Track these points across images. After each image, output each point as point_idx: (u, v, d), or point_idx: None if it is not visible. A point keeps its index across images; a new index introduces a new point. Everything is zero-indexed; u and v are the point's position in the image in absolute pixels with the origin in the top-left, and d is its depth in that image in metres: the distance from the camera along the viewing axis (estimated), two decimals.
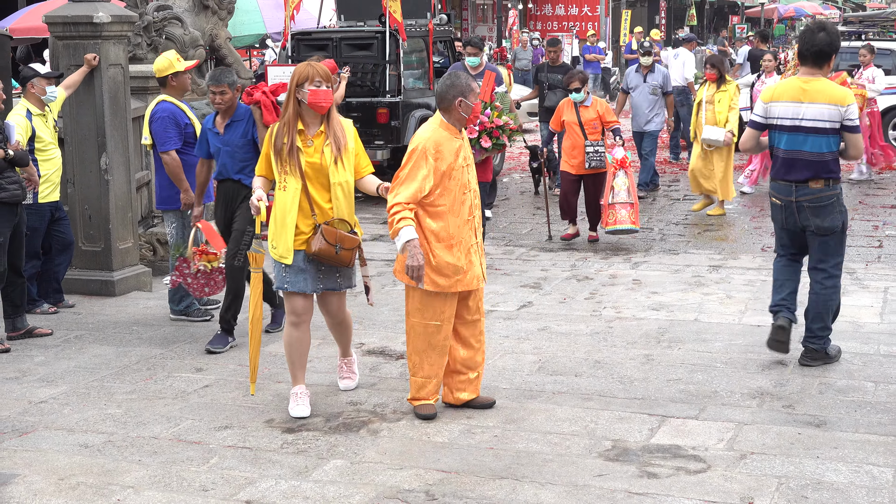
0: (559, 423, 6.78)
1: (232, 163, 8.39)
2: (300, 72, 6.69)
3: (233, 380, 7.72)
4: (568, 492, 5.75)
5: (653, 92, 15.52)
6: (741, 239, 12.56)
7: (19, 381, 7.75)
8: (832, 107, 7.43)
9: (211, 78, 8.49)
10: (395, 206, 6.53)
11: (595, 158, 11.96)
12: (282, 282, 6.88)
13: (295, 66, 7.00)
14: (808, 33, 7.75)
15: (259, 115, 8.21)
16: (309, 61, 6.95)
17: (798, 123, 7.52)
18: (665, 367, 7.82)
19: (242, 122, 8.41)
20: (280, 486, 5.88)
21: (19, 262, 8.80)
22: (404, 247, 6.49)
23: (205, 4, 13.02)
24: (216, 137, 8.44)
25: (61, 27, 10.31)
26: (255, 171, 7.12)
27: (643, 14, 52.93)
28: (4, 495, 5.80)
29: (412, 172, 6.56)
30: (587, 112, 12.14)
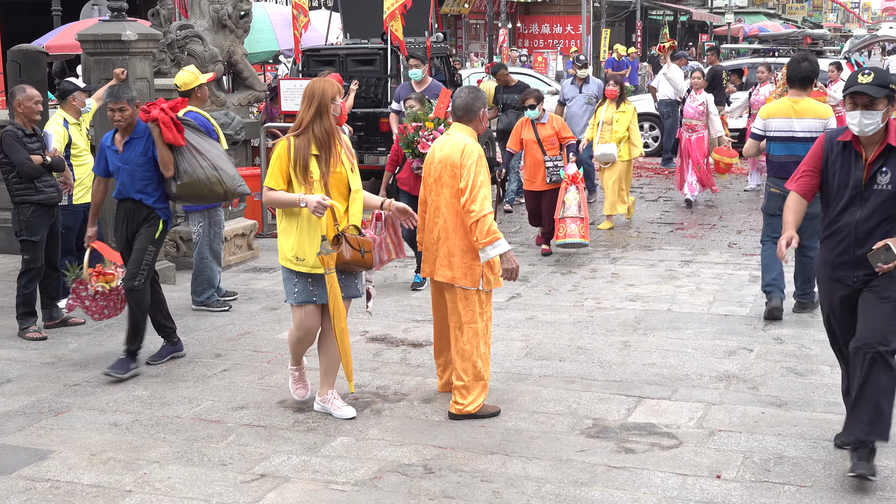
0: (545, 403, 6.78)
1: (132, 181, 7.58)
2: (327, 87, 6.20)
3: (248, 364, 7.71)
4: (553, 465, 5.75)
5: (588, 102, 14.98)
6: (709, 237, 12.57)
7: (55, 366, 7.75)
8: (818, 121, 8.50)
9: (109, 95, 7.65)
10: (488, 215, 6.19)
11: (555, 173, 11.30)
12: (309, 295, 6.30)
13: (312, 82, 6.33)
14: (794, 63, 8.89)
15: (158, 133, 7.45)
16: (321, 76, 6.67)
17: (791, 134, 8.56)
18: (641, 353, 7.82)
19: (142, 139, 7.62)
20: (292, 460, 5.88)
21: (55, 258, 8.80)
22: (503, 255, 6.23)
23: (223, 23, 13.02)
24: (115, 155, 7.66)
25: (93, 44, 10.30)
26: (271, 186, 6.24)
27: (621, 32, 52.90)
28: (42, 469, 5.80)
29: (484, 181, 6.27)
30: (544, 129, 11.39)
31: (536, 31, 46.73)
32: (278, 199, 6.22)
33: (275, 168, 6.20)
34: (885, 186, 5.37)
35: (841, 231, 5.52)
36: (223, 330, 8.67)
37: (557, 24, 46.52)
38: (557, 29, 46.37)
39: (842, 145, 5.54)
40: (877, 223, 5.40)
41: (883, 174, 5.38)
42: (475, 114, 6.51)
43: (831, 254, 5.61)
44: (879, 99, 5.33)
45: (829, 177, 5.59)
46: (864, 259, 5.39)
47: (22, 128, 8.43)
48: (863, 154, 5.45)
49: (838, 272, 5.59)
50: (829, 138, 5.63)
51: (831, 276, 5.66)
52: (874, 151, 5.41)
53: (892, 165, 5.38)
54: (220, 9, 12.97)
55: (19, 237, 8.52)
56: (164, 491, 5.50)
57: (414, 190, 9.48)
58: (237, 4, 13.13)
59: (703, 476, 5.58)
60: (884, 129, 5.41)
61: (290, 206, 6.17)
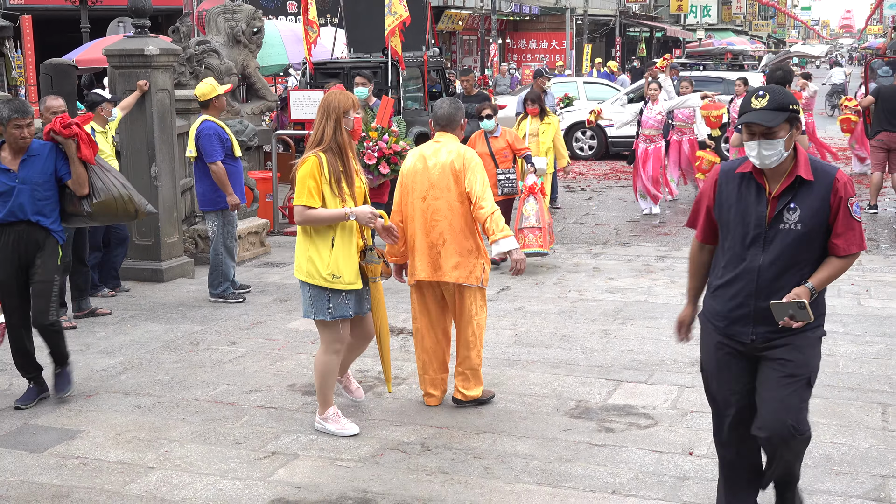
0: (532, 386, 6.77)
1: (31, 202, 6.39)
2: (343, 100, 5.73)
3: (261, 352, 7.69)
4: (539, 443, 5.75)
5: None
6: (683, 234, 12.56)
7: (84, 353, 7.73)
8: None
9: (16, 110, 6.39)
10: (495, 213, 6.05)
11: (507, 185, 10.34)
12: (345, 310, 5.72)
13: (328, 95, 5.82)
14: (771, 71, 10.51)
15: (75, 150, 6.48)
16: (326, 87, 6.40)
17: None
18: (620, 340, 7.82)
19: (41, 157, 6.49)
20: (301, 439, 5.87)
21: (84, 254, 8.79)
22: (511, 251, 6.07)
23: (237, 39, 12.99)
24: (7, 175, 6.38)
25: (118, 58, 10.29)
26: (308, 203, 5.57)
27: (602, 47, 52.94)
28: (72, 447, 5.79)
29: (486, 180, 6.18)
30: (497, 142, 10.41)
31: (524, 46, 46.72)
32: (320, 217, 5.59)
33: (309, 186, 5.55)
34: (793, 225, 4.12)
35: (740, 279, 4.23)
36: (238, 320, 8.65)
37: (543, 40, 46.52)
38: (543, 44, 46.38)
39: (740, 178, 4.26)
40: (783, 269, 4.16)
41: (791, 211, 4.13)
42: (457, 123, 6.33)
43: (727, 305, 4.30)
44: (778, 126, 4.10)
45: (724, 214, 4.31)
46: (767, 312, 4.15)
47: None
48: (766, 187, 4.20)
49: (734, 328, 4.30)
50: (723, 171, 4.37)
51: (724, 332, 4.34)
52: (780, 184, 4.17)
53: (802, 201, 4.13)
54: (235, 26, 12.95)
55: None
56: (183, 467, 5.49)
57: None
58: (250, 22, 13.12)
59: (677, 453, 5.57)
60: (791, 156, 4.18)
61: (335, 221, 5.61)
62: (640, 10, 57.21)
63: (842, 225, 4.13)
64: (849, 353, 7.35)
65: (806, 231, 4.13)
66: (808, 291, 4.11)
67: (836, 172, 4.16)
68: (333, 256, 5.64)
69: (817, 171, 4.17)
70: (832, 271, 4.18)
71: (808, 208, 4.12)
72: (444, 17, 36.19)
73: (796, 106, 4.15)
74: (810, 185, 4.14)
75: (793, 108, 4.14)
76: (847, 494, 5.01)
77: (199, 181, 9.19)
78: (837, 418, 6.04)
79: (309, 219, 5.60)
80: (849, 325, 8.09)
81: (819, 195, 4.13)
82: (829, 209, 4.12)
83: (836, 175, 4.16)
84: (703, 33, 57.00)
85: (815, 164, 4.20)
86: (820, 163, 4.23)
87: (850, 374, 6.86)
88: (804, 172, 4.15)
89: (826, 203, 4.12)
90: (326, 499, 5.07)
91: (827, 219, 4.13)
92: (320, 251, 5.65)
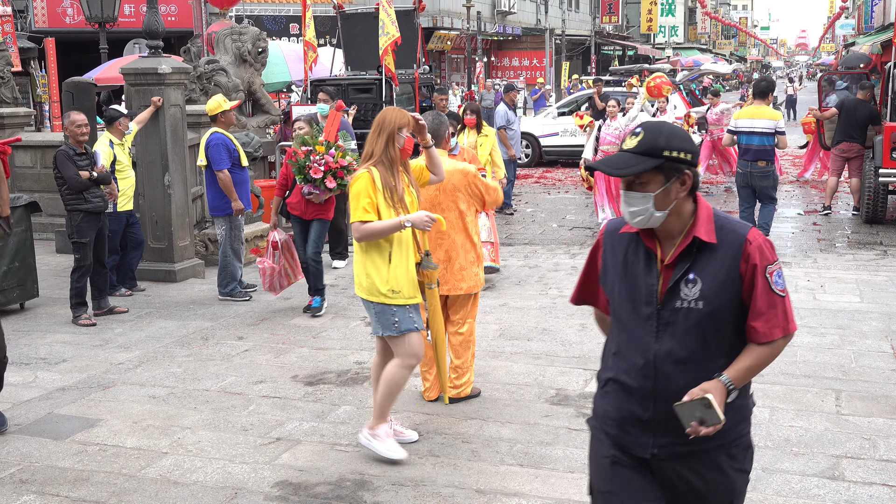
0: (515, 376, 6.76)
1: None
2: (398, 117, 5.29)
3: (266, 346, 7.67)
4: (522, 428, 5.74)
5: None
6: None
7: (103, 348, 7.69)
8: (772, 121, 10.66)
9: None
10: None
11: None
12: (410, 323, 5.22)
13: (384, 112, 5.37)
14: (757, 82, 11.30)
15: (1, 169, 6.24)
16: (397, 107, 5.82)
17: (753, 130, 10.66)
18: (596, 333, 7.80)
19: None
20: (303, 426, 5.85)
21: (103, 257, 8.75)
22: None
23: (244, 59, 12.98)
24: None
25: (133, 76, 10.25)
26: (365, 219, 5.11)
27: (578, 64, 52.99)
28: (92, 435, 5.76)
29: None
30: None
31: (508, 63, 46.75)
32: (377, 230, 5.10)
33: (363, 202, 5.09)
34: (692, 303, 2.88)
35: (631, 373, 2.97)
36: (244, 317, 8.62)
37: (525, 58, 46.59)
38: (525, 62, 46.43)
39: (627, 240, 3.03)
40: (685, 361, 2.89)
41: (689, 284, 2.88)
42: (441, 137, 6.13)
43: (619, 408, 3.01)
44: (644, 174, 2.87)
45: (608, 286, 3.10)
46: (671, 418, 2.85)
47: (74, 147, 8.38)
48: (657, 253, 2.96)
49: (628, 436, 3.00)
50: (608, 231, 3.12)
51: (618, 443, 3.03)
52: (674, 249, 2.93)
53: (703, 270, 2.89)
54: (242, 46, 12.95)
55: (71, 239, 8.47)
56: (195, 452, 5.46)
57: (305, 214, 8.47)
58: (256, 42, 13.11)
59: None
60: (690, 212, 2.94)
61: (392, 231, 5.12)
62: (613, 31, 57.39)
63: (761, 302, 2.87)
64: (805, 343, 7.36)
65: (710, 310, 2.86)
66: (722, 387, 2.86)
67: (747, 232, 2.91)
68: (392, 271, 5.17)
69: (723, 231, 2.92)
70: (754, 361, 2.92)
71: (711, 280, 2.87)
72: (434, 37, 36.18)
73: (681, 153, 2.85)
74: (713, 250, 2.90)
75: (670, 156, 2.84)
76: (804, 473, 5.01)
77: (209, 188, 9.16)
78: (795, 403, 6.04)
79: (367, 233, 5.11)
80: (805, 318, 8.10)
81: (725, 263, 2.88)
82: (740, 281, 2.88)
83: (748, 236, 2.90)
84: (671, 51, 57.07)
85: (722, 221, 2.95)
86: (729, 220, 2.96)
87: (806, 363, 6.87)
88: (704, 233, 2.90)
89: (735, 273, 2.88)
90: (327, 481, 5.05)
91: (738, 293, 2.88)
92: (378, 267, 5.17)
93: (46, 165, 12.09)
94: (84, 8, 17.12)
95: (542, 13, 45.66)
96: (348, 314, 8.59)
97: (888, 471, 5.01)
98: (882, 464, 5.10)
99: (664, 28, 59.22)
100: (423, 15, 20.41)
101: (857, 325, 7.85)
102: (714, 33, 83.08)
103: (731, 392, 2.89)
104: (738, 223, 2.95)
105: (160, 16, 10.35)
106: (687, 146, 2.87)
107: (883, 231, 12.51)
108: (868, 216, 12.92)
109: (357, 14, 17.22)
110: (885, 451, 5.27)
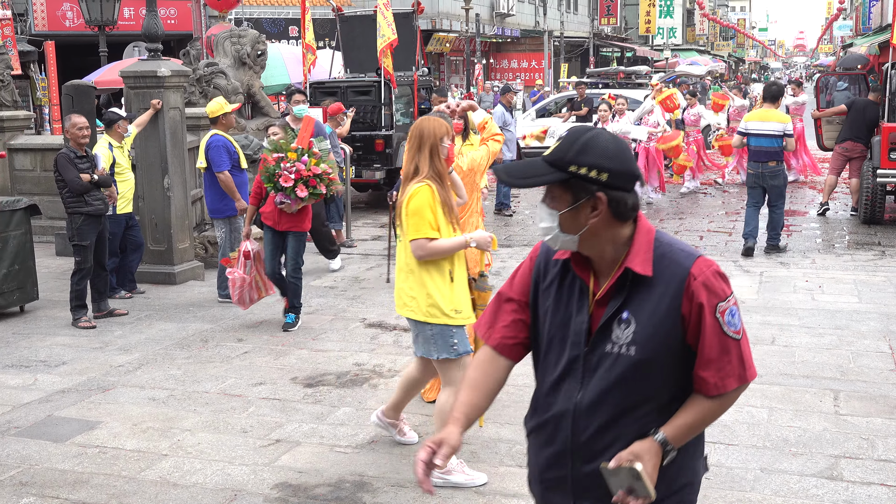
0: (513, 377, 6.67)
1: None
2: (437, 127, 4.87)
3: (266, 348, 7.67)
4: (521, 429, 5.69)
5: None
6: None
7: (103, 350, 7.69)
8: (780, 124, 10.82)
9: None
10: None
11: None
12: (467, 345, 4.92)
13: (420, 123, 4.93)
14: (767, 86, 11.57)
15: None
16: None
17: (763, 132, 10.82)
18: None
19: None
20: (302, 428, 5.85)
21: (103, 259, 8.75)
22: None
23: (243, 61, 12.97)
24: None
25: (133, 80, 10.25)
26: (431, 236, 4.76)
27: (577, 66, 52.98)
28: (92, 437, 5.75)
29: None
30: None
31: (506, 66, 46.78)
32: (444, 248, 4.80)
33: (428, 218, 4.74)
34: (623, 348, 2.40)
35: (550, 424, 2.55)
36: (244, 318, 8.62)
37: (524, 60, 46.60)
38: (524, 64, 46.45)
39: (561, 266, 2.55)
40: (611, 416, 2.42)
41: (621, 325, 2.40)
42: None
43: (540, 463, 2.61)
44: (557, 188, 2.41)
45: (540, 320, 2.60)
46: (593, 477, 2.44)
47: (74, 150, 8.38)
48: (590, 285, 2.49)
49: (550, 496, 2.59)
50: (543, 250, 2.62)
51: (540, 501, 2.65)
52: (607, 281, 2.46)
53: (638, 308, 2.40)
54: (241, 49, 12.94)
55: (72, 242, 8.47)
56: (194, 454, 5.46)
57: (278, 225, 8.05)
58: (255, 45, 13.10)
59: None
60: (626, 239, 2.43)
61: (457, 250, 4.86)
62: (611, 32, 57.39)
63: (710, 348, 2.36)
64: (804, 343, 7.36)
65: (644, 357, 2.37)
66: (657, 448, 2.38)
67: (692, 264, 2.38)
68: (455, 290, 4.87)
69: (663, 262, 2.38)
70: (699, 416, 2.41)
71: (647, 321, 2.37)
72: (433, 39, 36.20)
73: (591, 172, 2.32)
74: (650, 285, 2.38)
75: (576, 173, 2.32)
76: (803, 473, 5.01)
77: (208, 191, 9.16)
78: (793, 404, 6.04)
79: (433, 251, 4.77)
80: (804, 318, 8.10)
81: (664, 301, 2.36)
82: (683, 323, 2.37)
83: (692, 269, 2.37)
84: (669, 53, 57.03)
85: (664, 249, 2.41)
86: (672, 248, 2.42)
87: (805, 363, 6.87)
88: (639, 263, 2.38)
89: (675, 314, 2.36)
90: (326, 482, 5.05)
91: (681, 338, 2.38)
92: (440, 286, 4.83)
93: (46, 168, 12.10)
94: (84, 11, 17.15)
95: (540, 15, 45.72)
96: (347, 316, 8.59)
97: (886, 471, 5.01)
98: (880, 464, 5.10)
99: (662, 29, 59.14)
100: (421, 17, 20.44)
101: (856, 326, 7.85)
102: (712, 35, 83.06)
103: (667, 454, 2.39)
104: (682, 252, 2.40)
105: (159, 19, 10.35)
106: (603, 164, 2.32)
107: (881, 231, 12.52)
108: (866, 217, 12.93)
109: (356, 16, 17.21)
110: (883, 450, 5.28)
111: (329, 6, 18.95)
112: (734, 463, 5.16)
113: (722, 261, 10.67)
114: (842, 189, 15.87)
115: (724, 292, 2.37)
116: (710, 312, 2.35)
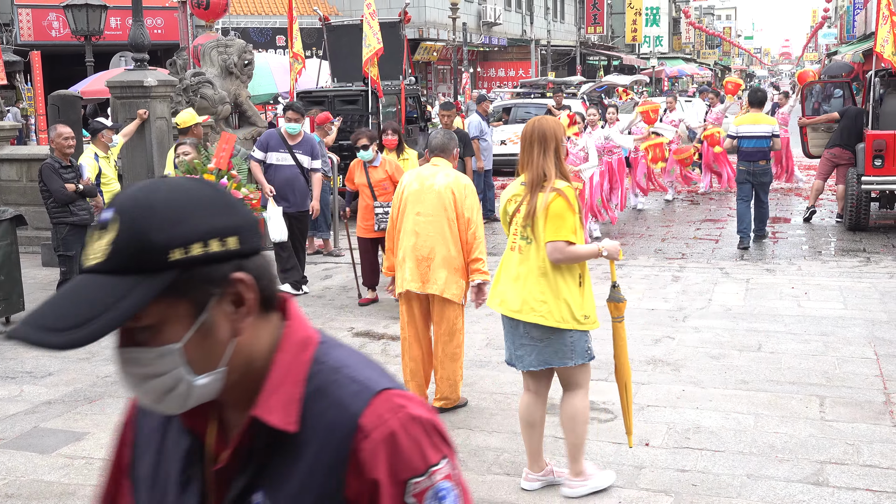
0: (502, 385, 6.76)
1: None
2: (556, 126, 4.79)
3: None
4: (509, 437, 5.74)
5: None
6: (639, 244, 12.61)
7: (89, 361, 7.66)
8: (769, 126, 11.85)
9: None
10: (482, 243, 6.12)
11: (385, 220, 8.62)
12: (592, 352, 4.98)
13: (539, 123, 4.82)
14: (752, 92, 12.59)
15: None
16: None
17: (755, 134, 11.77)
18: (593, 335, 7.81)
19: None
20: None
21: None
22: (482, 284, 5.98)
23: (230, 71, 12.96)
24: None
25: (119, 89, 10.25)
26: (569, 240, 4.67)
27: (563, 75, 53.13)
28: (78, 448, 5.73)
29: None
30: (376, 172, 9.02)
31: (493, 74, 46.87)
32: (579, 255, 4.72)
33: (571, 222, 4.66)
34: None
35: None
36: None
37: (511, 69, 46.71)
38: (511, 73, 46.54)
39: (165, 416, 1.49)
40: None
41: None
42: (450, 152, 6.28)
43: None
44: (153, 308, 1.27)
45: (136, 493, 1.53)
46: None
47: (59, 160, 8.37)
48: (206, 438, 1.42)
49: None
50: None
51: None
52: (233, 437, 1.38)
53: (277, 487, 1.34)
54: (228, 59, 12.93)
55: (57, 252, 8.45)
56: None
57: None
58: (242, 55, 13.11)
59: (635, 444, 5.57)
60: (264, 359, 1.36)
61: (589, 258, 4.79)
62: (598, 41, 57.63)
63: None
64: (790, 350, 7.39)
65: None
66: None
67: (364, 407, 1.34)
68: (585, 295, 4.85)
69: (320, 403, 1.36)
70: None
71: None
72: (420, 48, 36.27)
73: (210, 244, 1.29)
74: (297, 444, 1.36)
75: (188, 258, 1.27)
76: (789, 479, 5.03)
77: None
78: (780, 410, 6.07)
79: (570, 256, 4.68)
80: (790, 325, 8.14)
81: (317, 475, 1.34)
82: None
83: (363, 417, 1.34)
84: (655, 61, 57.29)
85: (323, 378, 1.38)
86: (339, 376, 1.38)
87: (791, 370, 6.90)
88: (277, 410, 1.35)
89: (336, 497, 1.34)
90: None
91: None
92: (573, 291, 4.78)
93: (32, 179, 12.06)
94: (70, 21, 17.13)
95: (527, 24, 45.88)
96: (335, 325, 8.58)
97: (872, 476, 5.03)
98: (866, 469, 5.13)
99: (649, 38, 59.43)
100: (408, 26, 20.48)
101: (841, 332, 7.89)
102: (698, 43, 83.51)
103: None
104: (352, 385, 1.37)
105: (146, 29, 10.36)
106: (219, 222, 1.31)
107: (866, 238, 12.59)
108: (851, 223, 13.00)
109: (343, 26, 17.24)
110: (868, 456, 5.30)
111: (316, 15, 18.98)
112: (721, 469, 5.18)
113: (708, 268, 10.72)
114: (828, 196, 15.96)
115: (423, 459, 1.36)
116: (393, 497, 1.33)
